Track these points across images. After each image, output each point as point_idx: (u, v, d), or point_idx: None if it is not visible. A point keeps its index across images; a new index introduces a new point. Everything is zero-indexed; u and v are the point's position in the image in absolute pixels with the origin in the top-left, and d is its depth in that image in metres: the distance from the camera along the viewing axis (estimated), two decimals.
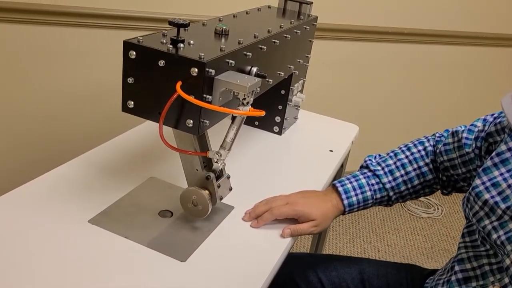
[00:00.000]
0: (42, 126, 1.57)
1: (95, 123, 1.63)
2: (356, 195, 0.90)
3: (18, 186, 0.86)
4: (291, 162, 1.12)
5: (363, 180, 0.92)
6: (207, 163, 0.83)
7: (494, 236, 0.69)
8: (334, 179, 1.31)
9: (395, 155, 0.94)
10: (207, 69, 0.69)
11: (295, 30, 1.05)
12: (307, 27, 1.12)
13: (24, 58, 1.45)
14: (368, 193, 0.91)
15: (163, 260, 0.75)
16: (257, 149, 1.15)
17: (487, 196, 0.70)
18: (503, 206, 0.68)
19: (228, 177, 0.86)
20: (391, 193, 0.92)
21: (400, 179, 0.92)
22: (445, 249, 2.09)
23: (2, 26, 1.38)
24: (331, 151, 1.20)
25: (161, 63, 0.71)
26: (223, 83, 0.73)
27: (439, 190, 0.96)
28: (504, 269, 0.70)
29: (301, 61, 1.16)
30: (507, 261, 0.67)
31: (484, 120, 0.86)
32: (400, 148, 0.95)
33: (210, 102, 0.73)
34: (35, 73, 1.48)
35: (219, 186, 0.82)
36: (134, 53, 0.72)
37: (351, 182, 0.91)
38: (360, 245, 2.04)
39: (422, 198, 2.42)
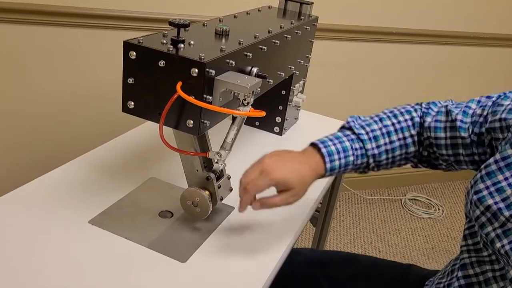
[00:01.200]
0: (42, 127, 1.57)
1: (95, 123, 1.63)
2: (340, 159, 0.81)
3: (18, 187, 0.86)
4: None
5: (347, 143, 0.82)
6: (208, 164, 0.83)
7: (498, 244, 0.65)
8: (335, 180, 1.31)
9: (381, 120, 0.85)
10: (207, 69, 0.69)
11: (296, 31, 1.05)
12: (307, 27, 1.12)
13: (24, 58, 1.45)
14: (351, 158, 0.82)
15: (164, 261, 0.75)
16: (258, 149, 1.15)
17: (490, 201, 0.67)
18: (507, 213, 0.65)
19: (229, 178, 0.86)
20: (371, 160, 0.84)
21: (383, 148, 0.83)
22: (445, 249, 2.08)
23: (2, 26, 1.38)
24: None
25: (161, 63, 0.71)
26: (224, 84, 0.73)
27: (412, 164, 0.89)
28: (508, 280, 0.67)
29: (302, 61, 1.16)
30: None
31: (479, 102, 0.81)
32: (386, 113, 0.86)
33: (210, 103, 0.73)
34: (35, 73, 1.48)
35: (219, 187, 0.82)
36: (134, 53, 0.72)
37: (334, 144, 0.81)
38: (361, 245, 2.04)
39: (422, 199, 2.42)
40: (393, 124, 0.84)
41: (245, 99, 0.74)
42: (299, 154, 0.81)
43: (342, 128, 0.87)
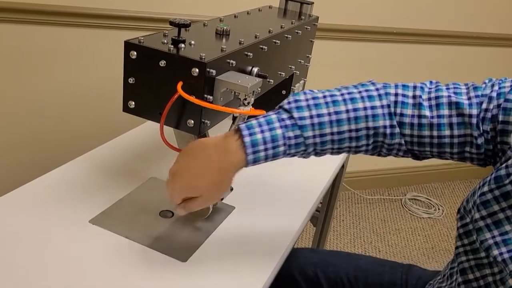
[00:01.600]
0: (43, 126, 1.57)
1: (96, 123, 1.64)
2: (266, 149, 0.67)
3: (19, 187, 0.87)
4: (292, 162, 1.12)
5: (279, 131, 0.67)
6: None
7: (495, 252, 0.61)
8: (335, 179, 1.31)
9: (333, 103, 0.69)
10: (208, 69, 0.69)
11: (296, 30, 1.05)
12: (308, 27, 1.12)
13: (25, 58, 1.45)
14: (281, 148, 0.68)
15: (164, 260, 0.75)
16: None
17: (496, 207, 0.61)
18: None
19: None
20: (310, 149, 0.70)
21: (328, 138, 0.69)
22: (445, 249, 2.08)
23: (3, 26, 1.38)
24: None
25: (162, 63, 0.71)
26: (224, 83, 0.73)
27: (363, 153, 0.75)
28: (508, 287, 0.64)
29: (302, 61, 1.16)
30: (510, 282, 0.62)
31: (476, 89, 0.69)
32: (342, 94, 0.70)
33: (211, 103, 0.73)
34: (36, 73, 1.49)
35: None
36: (135, 53, 0.72)
37: (262, 132, 0.67)
38: (361, 245, 2.04)
39: (422, 198, 2.42)
40: (347, 111, 0.69)
41: (245, 99, 0.74)
42: (214, 150, 0.68)
43: (280, 108, 0.71)
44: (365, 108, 0.69)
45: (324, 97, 0.70)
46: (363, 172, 2.37)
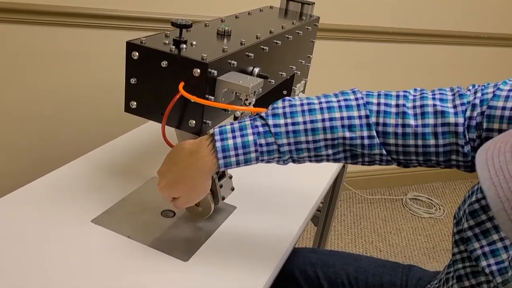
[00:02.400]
0: (45, 127, 1.58)
1: (97, 123, 1.64)
2: (237, 155, 0.69)
3: (21, 187, 0.87)
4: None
5: (250, 138, 0.68)
6: None
7: (483, 263, 0.61)
8: (336, 178, 1.31)
9: (310, 111, 0.69)
10: (209, 69, 0.70)
11: (297, 31, 1.05)
12: (309, 27, 1.13)
13: (27, 58, 1.46)
14: (253, 155, 0.69)
15: (166, 260, 0.76)
16: None
17: (484, 217, 0.61)
18: (499, 235, 0.60)
19: (230, 177, 0.87)
20: (286, 157, 0.71)
21: (304, 146, 0.69)
22: (446, 249, 2.09)
23: (3, 26, 1.39)
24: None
25: (164, 63, 0.71)
26: (226, 84, 0.73)
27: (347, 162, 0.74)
28: None
29: (303, 61, 1.17)
30: None
31: (461, 96, 0.67)
32: (320, 103, 0.70)
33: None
34: (37, 74, 1.49)
35: (221, 186, 0.83)
36: (137, 53, 0.73)
37: (234, 137, 0.68)
38: (361, 245, 2.05)
39: (423, 198, 2.42)
40: (323, 120, 0.69)
41: (247, 99, 0.75)
42: (189, 154, 0.71)
43: (257, 115, 0.71)
44: (341, 118, 0.68)
45: (302, 105, 0.70)
46: (364, 172, 2.38)
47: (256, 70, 0.82)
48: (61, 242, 0.75)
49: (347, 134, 0.68)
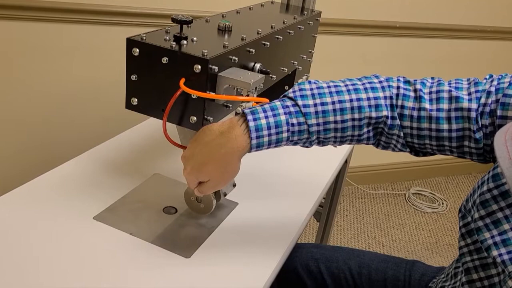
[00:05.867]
0: (45, 124, 1.58)
1: (99, 120, 1.64)
2: (269, 135, 0.69)
3: (22, 184, 0.87)
4: (295, 157, 1.12)
5: (282, 117, 0.69)
6: None
7: (495, 253, 0.61)
8: (339, 173, 1.31)
9: (337, 93, 0.71)
10: (210, 66, 0.69)
11: (299, 26, 1.05)
12: (310, 22, 1.12)
13: (27, 55, 1.46)
14: (284, 135, 0.70)
15: (168, 257, 0.76)
16: None
17: (495, 207, 0.61)
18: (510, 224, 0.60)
19: None
20: (313, 137, 0.72)
21: (332, 125, 0.71)
22: (449, 243, 2.08)
23: (3, 23, 1.38)
24: (335, 146, 1.19)
25: (165, 60, 0.71)
26: (227, 80, 0.73)
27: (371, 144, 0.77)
28: None
29: (305, 56, 1.16)
30: (510, 283, 0.61)
31: (477, 84, 0.70)
32: (346, 85, 0.73)
33: (213, 99, 0.73)
34: (38, 70, 1.49)
35: None
36: (138, 50, 0.72)
37: (266, 117, 0.68)
38: (364, 240, 2.04)
39: (426, 193, 2.42)
40: (351, 100, 0.71)
41: (248, 95, 0.74)
42: (219, 135, 0.69)
43: (285, 96, 0.73)
44: (368, 99, 0.71)
45: (329, 87, 0.72)
46: (366, 167, 2.37)
47: (258, 65, 0.82)
48: (63, 239, 0.75)
49: (373, 114, 0.71)
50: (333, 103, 0.70)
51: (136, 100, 0.76)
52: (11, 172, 1.58)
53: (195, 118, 0.73)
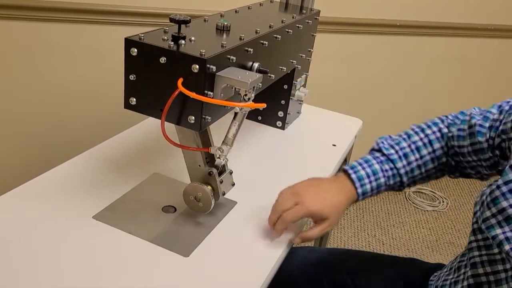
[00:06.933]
0: (44, 124, 1.58)
1: (97, 120, 1.64)
2: (370, 182, 0.85)
3: (23, 183, 0.87)
4: (294, 157, 1.13)
5: (377, 166, 0.86)
6: (210, 159, 0.83)
7: (507, 247, 0.63)
8: (337, 172, 1.31)
9: (409, 137, 0.89)
10: (208, 65, 0.70)
11: (297, 25, 1.05)
12: (309, 21, 1.12)
13: (26, 55, 1.46)
14: (382, 180, 0.86)
15: (167, 255, 0.76)
16: (260, 144, 1.15)
17: (505, 204, 0.64)
18: None
19: (231, 173, 0.87)
20: (404, 178, 0.87)
21: (414, 164, 0.87)
22: (450, 242, 2.08)
23: (2, 23, 1.38)
24: (334, 145, 1.20)
25: (163, 60, 0.71)
26: (225, 80, 0.73)
27: (447, 174, 0.92)
28: None
29: (304, 55, 1.16)
30: None
31: (500, 107, 0.81)
32: (413, 129, 0.90)
33: (211, 99, 0.73)
34: (36, 70, 1.49)
35: (221, 182, 0.83)
36: (136, 50, 0.72)
37: (364, 168, 0.86)
38: (364, 238, 2.05)
39: (427, 191, 2.42)
40: (421, 139, 0.87)
41: (246, 95, 0.74)
42: (332, 182, 0.86)
43: (372, 150, 0.90)
44: (434, 132, 0.89)
45: (400, 135, 0.90)
46: None
47: (256, 65, 0.82)
48: (63, 238, 0.76)
49: (442, 143, 0.88)
50: (409, 146, 0.87)
51: (134, 100, 0.76)
52: (11, 172, 1.58)
53: (193, 117, 0.73)
